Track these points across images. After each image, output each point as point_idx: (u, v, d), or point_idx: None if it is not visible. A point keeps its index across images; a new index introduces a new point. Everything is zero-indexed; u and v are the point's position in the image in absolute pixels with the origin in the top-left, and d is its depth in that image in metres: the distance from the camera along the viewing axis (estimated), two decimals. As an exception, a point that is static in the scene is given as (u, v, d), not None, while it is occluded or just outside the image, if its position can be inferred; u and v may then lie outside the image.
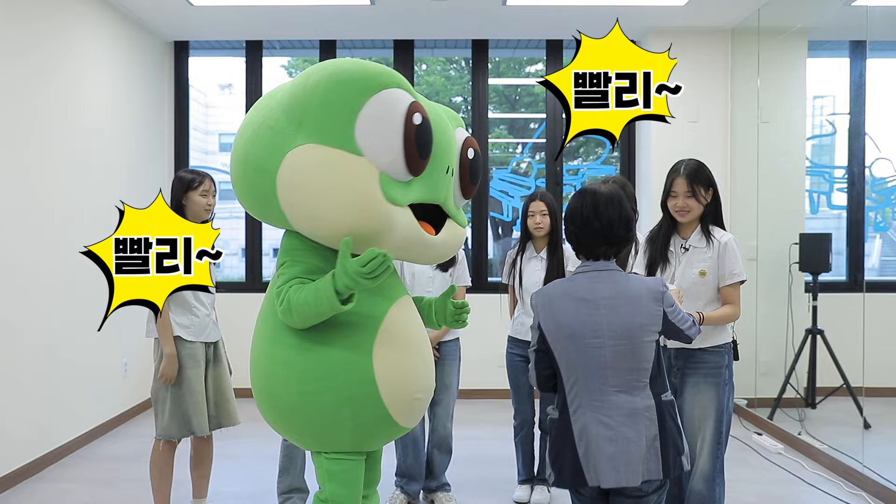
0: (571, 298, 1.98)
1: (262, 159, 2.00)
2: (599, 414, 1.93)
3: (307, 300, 1.90)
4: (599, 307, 1.95)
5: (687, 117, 5.47)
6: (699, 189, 2.64)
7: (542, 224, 3.36)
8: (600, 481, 1.91)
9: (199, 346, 3.00)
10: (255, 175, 2.03)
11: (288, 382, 2.01)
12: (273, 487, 3.21)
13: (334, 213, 1.91)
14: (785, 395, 4.89)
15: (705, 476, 2.64)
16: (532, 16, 5.20)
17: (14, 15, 3.80)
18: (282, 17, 5.22)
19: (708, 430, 2.63)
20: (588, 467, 1.92)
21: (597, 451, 1.91)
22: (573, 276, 2.05)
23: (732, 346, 2.71)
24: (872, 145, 5.13)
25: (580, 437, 1.93)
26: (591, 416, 1.93)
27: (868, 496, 3.59)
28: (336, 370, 1.97)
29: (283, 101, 2.02)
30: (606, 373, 1.94)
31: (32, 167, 3.95)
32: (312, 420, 2.01)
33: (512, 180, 6.08)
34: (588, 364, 1.95)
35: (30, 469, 3.85)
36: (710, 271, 2.63)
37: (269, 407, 2.09)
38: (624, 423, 1.91)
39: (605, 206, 2.00)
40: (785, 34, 5.07)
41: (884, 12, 4.42)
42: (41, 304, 3.98)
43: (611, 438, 1.91)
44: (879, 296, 4.65)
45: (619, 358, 1.93)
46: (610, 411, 1.92)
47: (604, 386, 1.94)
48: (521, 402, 3.47)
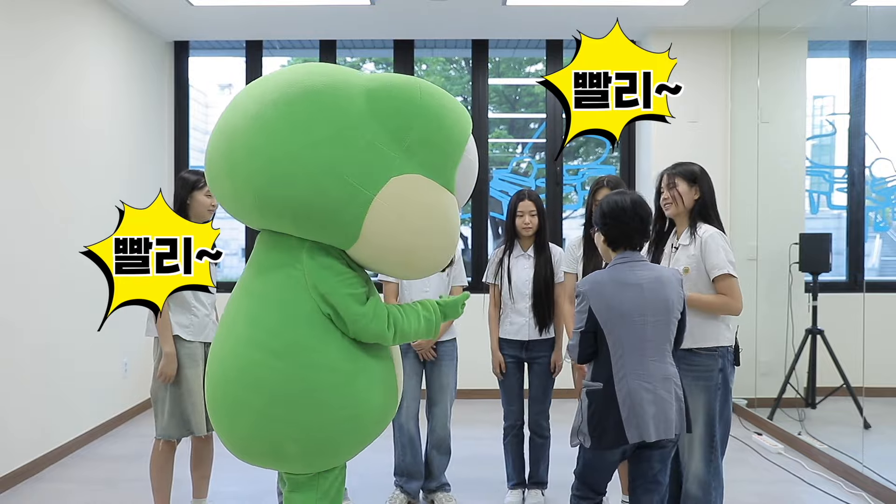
0: (620, 284, 2.29)
1: (355, 174, 1.81)
2: (642, 381, 2.24)
3: (419, 329, 2.04)
4: (644, 290, 2.27)
5: (687, 117, 5.47)
6: (680, 181, 2.69)
7: (531, 224, 3.35)
8: (644, 437, 2.22)
9: (199, 346, 3.00)
10: (338, 185, 1.81)
11: (341, 393, 1.89)
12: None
13: (433, 249, 1.98)
14: (785, 395, 4.89)
15: (699, 479, 2.64)
16: (532, 16, 5.20)
17: (14, 15, 3.80)
18: (282, 17, 5.22)
19: (696, 433, 2.63)
20: (630, 426, 2.22)
21: (641, 412, 2.22)
22: (615, 266, 2.34)
23: (733, 351, 2.68)
24: (872, 145, 5.13)
25: (624, 402, 2.23)
26: (636, 383, 2.24)
27: (868, 496, 3.59)
28: (384, 378, 2.01)
29: (381, 113, 1.85)
30: (647, 345, 2.26)
31: (32, 167, 3.95)
32: (365, 430, 1.97)
33: (512, 180, 6.08)
34: (633, 339, 2.26)
35: (30, 469, 3.85)
36: (693, 268, 2.64)
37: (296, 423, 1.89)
38: (660, 386, 2.26)
39: (640, 205, 2.35)
40: (785, 34, 5.07)
41: (884, 12, 4.42)
42: (41, 304, 3.98)
43: (652, 401, 2.24)
44: (879, 296, 4.65)
45: (657, 332, 2.28)
46: (650, 378, 2.25)
47: (644, 357, 2.26)
48: (510, 403, 3.45)
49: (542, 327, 3.33)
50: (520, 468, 3.49)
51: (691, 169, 2.71)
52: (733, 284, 2.60)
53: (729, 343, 2.66)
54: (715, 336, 2.64)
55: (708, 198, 2.70)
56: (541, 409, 3.41)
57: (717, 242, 2.60)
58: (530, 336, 3.35)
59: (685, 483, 2.68)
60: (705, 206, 2.70)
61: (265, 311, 1.93)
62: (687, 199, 2.70)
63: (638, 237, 2.35)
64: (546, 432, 3.43)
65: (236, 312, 1.99)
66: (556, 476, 3.56)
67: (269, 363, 1.88)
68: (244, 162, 1.87)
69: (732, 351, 2.68)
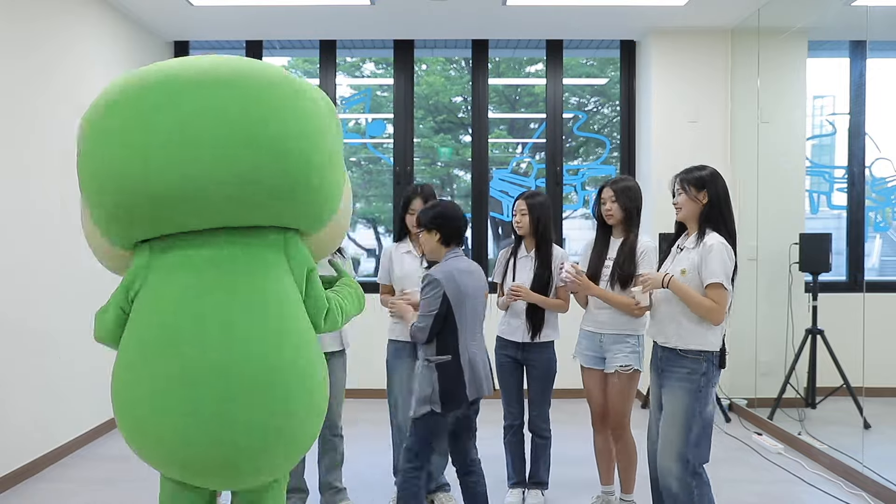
0: (461, 271, 2.73)
1: (340, 172, 2.13)
2: (477, 350, 2.80)
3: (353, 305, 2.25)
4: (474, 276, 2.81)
5: (687, 117, 5.47)
6: (690, 188, 2.71)
7: (522, 223, 3.36)
8: (481, 393, 2.77)
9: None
10: (340, 169, 2.12)
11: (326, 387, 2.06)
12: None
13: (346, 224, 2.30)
14: (785, 395, 4.89)
15: (676, 477, 2.65)
16: (532, 16, 5.20)
17: (14, 15, 3.80)
18: (282, 17, 5.23)
19: (674, 432, 2.65)
20: (471, 387, 2.72)
21: (477, 374, 2.76)
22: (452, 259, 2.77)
23: (719, 355, 2.68)
24: (872, 145, 5.13)
25: (465, 368, 2.71)
26: (473, 352, 2.76)
27: (868, 496, 3.59)
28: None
29: (333, 130, 2.08)
30: (477, 320, 2.83)
31: (32, 167, 3.95)
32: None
33: (512, 180, 6.08)
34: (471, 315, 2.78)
35: (30, 469, 3.86)
36: (691, 271, 2.67)
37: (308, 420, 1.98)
38: (483, 354, 2.85)
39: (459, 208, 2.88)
40: (785, 34, 5.07)
41: (884, 12, 4.42)
42: (41, 304, 3.99)
43: (482, 365, 2.80)
44: (879, 296, 4.65)
45: (482, 309, 2.86)
46: (479, 347, 2.82)
47: (475, 330, 2.82)
48: (510, 403, 3.46)
49: (534, 332, 3.34)
50: (520, 467, 3.49)
51: (699, 176, 2.71)
52: (723, 295, 2.61)
53: (715, 348, 2.66)
54: (703, 339, 2.65)
55: (717, 203, 2.70)
56: (540, 412, 3.41)
57: (720, 254, 2.61)
58: (524, 339, 3.36)
59: (663, 482, 2.70)
60: (714, 211, 2.70)
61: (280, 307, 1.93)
62: (694, 206, 2.71)
63: (462, 235, 2.83)
64: (547, 433, 3.43)
65: (228, 313, 1.86)
66: (556, 476, 3.57)
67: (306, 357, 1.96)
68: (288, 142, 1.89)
69: (717, 354, 2.68)
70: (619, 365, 3.14)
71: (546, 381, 3.40)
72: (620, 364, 3.14)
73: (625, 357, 3.14)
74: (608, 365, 3.18)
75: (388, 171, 6.78)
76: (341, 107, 6.37)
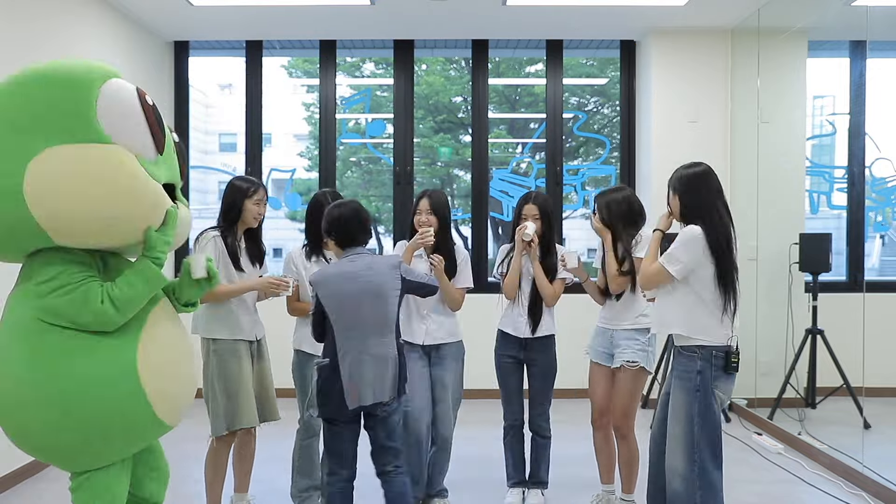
0: (341, 275, 2.67)
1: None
2: (362, 355, 2.61)
3: (140, 292, 2.00)
4: (359, 278, 2.65)
5: (687, 117, 5.47)
6: (670, 190, 2.77)
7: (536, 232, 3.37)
8: (362, 402, 2.58)
9: (242, 343, 3.04)
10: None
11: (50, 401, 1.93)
12: (280, 486, 3.21)
13: (106, 206, 1.92)
14: (785, 395, 4.89)
15: (680, 475, 2.63)
16: (532, 16, 5.20)
17: (14, 15, 3.80)
18: (282, 17, 5.23)
19: (678, 430, 2.64)
20: (349, 395, 2.57)
21: (360, 381, 2.59)
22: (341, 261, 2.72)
23: (723, 356, 2.59)
24: (872, 145, 5.14)
25: (344, 374, 2.59)
26: (356, 357, 2.61)
27: (868, 496, 3.59)
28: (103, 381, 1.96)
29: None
30: (366, 324, 2.66)
31: (32, 167, 3.94)
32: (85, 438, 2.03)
33: (512, 180, 6.08)
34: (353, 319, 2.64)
35: (30, 469, 3.85)
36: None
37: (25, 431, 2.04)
38: (378, 359, 2.64)
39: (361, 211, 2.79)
40: (785, 34, 5.07)
41: (884, 12, 4.42)
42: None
43: (371, 371, 2.63)
44: (879, 296, 4.65)
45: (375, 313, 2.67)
46: (368, 352, 2.63)
47: (364, 334, 2.64)
48: (510, 402, 3.45)
49: (535, 326, 3.35)
50: (520, 467, 3.49)
51: (675, 176, 2.76)
52: (652, 269, 2.66)
53: (712, 344, 2.59)
54: (698, 331, 2.59)
55: (691, 202, 2.70)
56: (541, 411, 3.41)
57: (685, 237, 2.63)
58: (526, 334, 3.36)
59: (668, 480, 2.69)
60: (689, 211, 2.71)
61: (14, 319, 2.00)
62: (674, 207, 2.76)
63: (361, 236, 2.74)
64: (547, 433, 3.43)
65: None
66: (556, 476, 3.57)
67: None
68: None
69: (720, 355, 2.59)
70: (626, 360, 3.14)
71: (547, 379, 3.40)
72: (627, 359, 3.14)
73: (633, 353, 3.15)
74: (615, 360, 3.20)
75: (388, 171, 6.79)
76: (341, 107, 6.37)
